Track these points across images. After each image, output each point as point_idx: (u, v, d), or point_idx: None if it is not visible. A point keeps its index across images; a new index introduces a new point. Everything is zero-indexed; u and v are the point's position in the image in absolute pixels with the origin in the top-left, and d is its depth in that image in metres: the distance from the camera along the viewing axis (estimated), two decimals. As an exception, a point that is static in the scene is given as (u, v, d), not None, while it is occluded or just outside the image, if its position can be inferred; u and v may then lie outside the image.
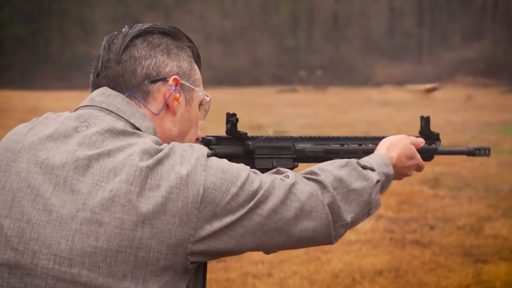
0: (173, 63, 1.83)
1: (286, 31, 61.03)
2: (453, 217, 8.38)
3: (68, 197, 1.58)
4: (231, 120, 2.05)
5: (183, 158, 1.62)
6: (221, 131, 2.14)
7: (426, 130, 2.43)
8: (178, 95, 1.81)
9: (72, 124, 1.70)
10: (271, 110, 26.61)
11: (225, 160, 1.69)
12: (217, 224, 1.61)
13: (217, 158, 1.68)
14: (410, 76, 48.08)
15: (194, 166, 1.61)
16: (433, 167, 11.35)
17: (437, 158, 2.47)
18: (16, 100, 31.06)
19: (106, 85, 1.80)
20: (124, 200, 1.55)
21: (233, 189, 1.63)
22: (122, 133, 1.67)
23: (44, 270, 1.56)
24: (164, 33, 1.85)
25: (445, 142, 2.44)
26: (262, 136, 2.14)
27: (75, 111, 1.79)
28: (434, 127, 2.43)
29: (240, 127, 2.09)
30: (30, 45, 55.54)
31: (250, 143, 2.07)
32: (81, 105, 1.80)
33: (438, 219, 8.33)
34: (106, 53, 1.81)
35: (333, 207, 1.79)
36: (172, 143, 1.67)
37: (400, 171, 2.16)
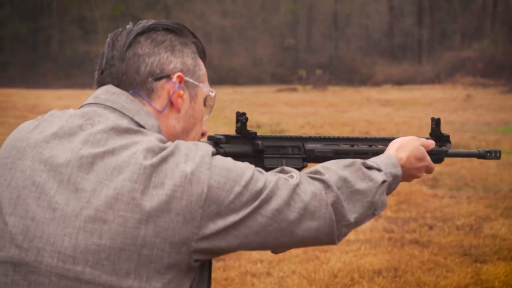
0: (177, 60, 1.82)
1: (286, 31, 61.05)
2: (452, 217, 8.39)
3: (72, 195, 1.58)
4: (241, 119, 2.04)
5: (187, 156, 1.61)
6: (221, 130, 2.14)
7: (436, 132, 2.40)
8: (182, 92, 1.81)
9: (77, 122, 1.69)
10: (270, 109, 26.63)
11: (229, 159, 1.69)
12: (221, 223, 1.61)
13: (221, 157, 1.68)
14: (409, 75, 48.14)
15: (198, 165, 1.60)
16: (432, 167, 11.34)
17: (436, 157, 2.46)
18: (16, 98, 31.07)
19: (110, 83, 1.79)
20: (128, 198, 1.55)
21: (237, 188, 1.62)
22: (127, 131, 1.66)
23: (48, 267, 1.56)
24: (168, 29, 1.84)
25: (444, 141, 2.43)
26: (271, 136, 2.13)
27: (80, 108, 1.78)
28: None
29: None
30: (30, 43, 55.56)
31: (259, 142, 2.06)
32: (85, 102, 1.79)
33: (437, 219, 8.34)
34: (110, 50, 1.81)
35: (336, 207, 1.79)
36: (176, 141, 1.66)
37: (409, 172, 2.15)
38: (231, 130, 2.13)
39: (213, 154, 1.66)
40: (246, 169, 1.67)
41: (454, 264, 6.59)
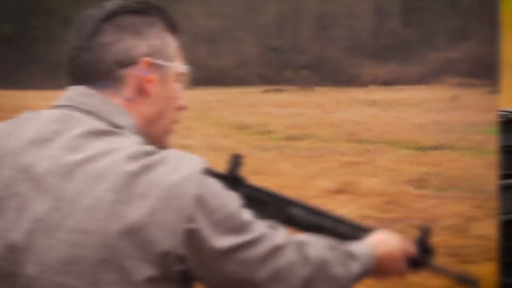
0: (143, 43, 1.74)
1: (272, 31, 61.07)
2: (439, 217, 8.40)
3: (54, 204, 1.54)
4: (236, 161, 1.94)
5: (177, 166, 1.56)
6: (207, 131, 2.11)
7: (422, 242, 2.32)
8: (151, 76, 1.74)
9: (52, 127, 1.64)
10: (257, 110, 26.61)
11: (220, 185, 1.62)
12: (195, 245, 1.55)
13: (213, 180, 1.61)
14: (396, 76, 48.30)
15: (187, 178, 1.55)
16: (419, 167, 11.35)
17: (423, 157, 2.43)
18: (3, 99, 30.95)
19: (78, 73, 1.74)
20: (109, 209, 1.51)
21: (218, 216, 1.57)
22: (104, 133, 1.62)
23: (32, 279, 1.53)
24: (132, 11, 1.77)
25: (431, 142, 2.42)
26: (259, 188, 2.04)
27: (52, 109, 1.73)
28: (420, 127, 2.38)
29: (226, 127, 2.04)
30: (17, 44, 55.44)
31: (244, 189, 1.96)
32: (59, 103, 1.74)
33: (424, 220, 8.34)
34: (76, 39, 1.76)
35: (307, 284, 1.72)
36: (167, 150, 1.61)
37: (379, 270, 2.04)
38: (217, 131, 2.10)
39: (206, 171, 1.60)
40: (233, 201, 1.62)
41: (441, 264, 6.58)
